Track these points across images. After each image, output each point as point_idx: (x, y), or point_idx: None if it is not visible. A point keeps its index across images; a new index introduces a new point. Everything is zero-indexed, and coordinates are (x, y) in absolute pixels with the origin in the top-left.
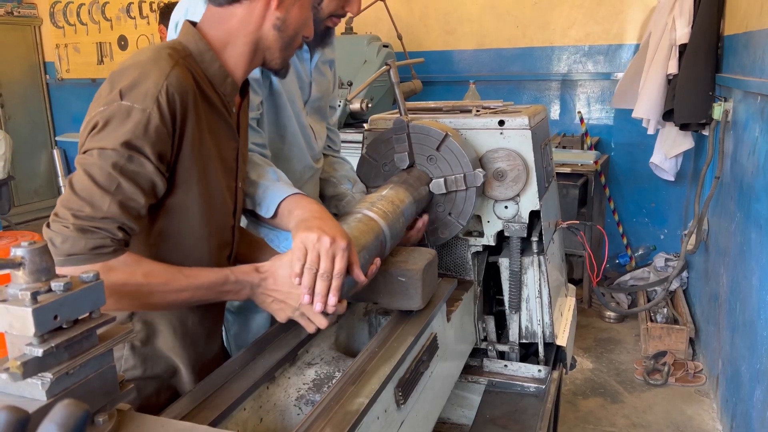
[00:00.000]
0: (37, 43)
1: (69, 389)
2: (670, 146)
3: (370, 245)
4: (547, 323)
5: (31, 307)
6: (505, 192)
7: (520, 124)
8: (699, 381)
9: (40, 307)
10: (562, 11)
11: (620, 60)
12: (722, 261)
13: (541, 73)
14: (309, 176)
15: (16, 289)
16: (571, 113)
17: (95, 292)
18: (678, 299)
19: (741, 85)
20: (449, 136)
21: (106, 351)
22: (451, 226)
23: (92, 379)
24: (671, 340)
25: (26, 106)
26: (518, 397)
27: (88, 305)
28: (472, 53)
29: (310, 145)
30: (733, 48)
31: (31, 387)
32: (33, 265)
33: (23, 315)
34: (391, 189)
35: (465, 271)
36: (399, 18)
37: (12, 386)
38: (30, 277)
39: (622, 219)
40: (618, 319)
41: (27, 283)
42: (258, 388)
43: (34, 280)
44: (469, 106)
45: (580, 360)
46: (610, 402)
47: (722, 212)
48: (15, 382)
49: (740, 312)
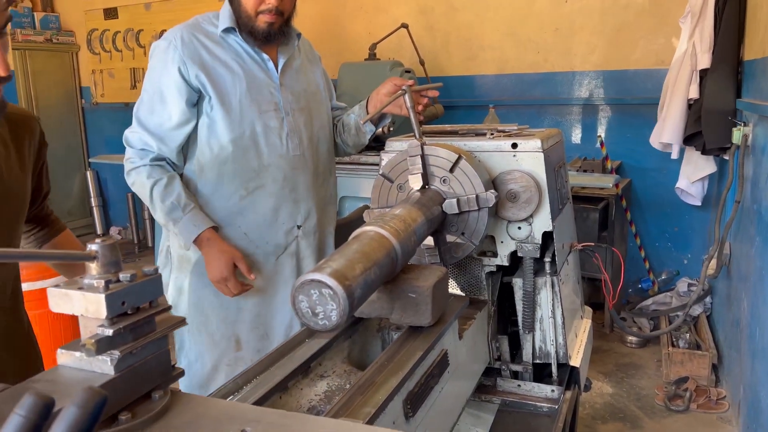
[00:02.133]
0: (74, 69)
1: (132, 367)
2: (692, 171)
3: (382, 262)
4: (560, 344)
5: (104, 294)
6: (518, 213)
7: (533, 147)
8: (722, 408)
9: (112, 294)
10: (583, 38)
11: (642, 85)
12: (743, 286)
13: (562, 97)
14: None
15: (91, 279)
16: (592, 137)
17: (155, 284)
18: (701, 325)
19: (759, 110)
20: (462, 158)
21: (162, 336)
22: (463, 246)
23: (150, 360)
24: (693, 366)
25: (62, 129)
26: (531, 416)
27: (149, 295)
28: (493, 78)
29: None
30: (753, 73)
31: (101, 363)
32: (105, 258)
33: (97, 300)
34: (405, 208)
35: (479, 291)
36: (421, 44)
37: (85, 362)
38: (102, 269)
39: (644, 243)
40: (640, 344)
41: (99, 274)
42: (271, 397)
43: (105, 272)
44: (484, 129)
45: (600, 384)
46: (629, 427)
47: (743, 237)
48: (88, 357)
49: (760, 337)
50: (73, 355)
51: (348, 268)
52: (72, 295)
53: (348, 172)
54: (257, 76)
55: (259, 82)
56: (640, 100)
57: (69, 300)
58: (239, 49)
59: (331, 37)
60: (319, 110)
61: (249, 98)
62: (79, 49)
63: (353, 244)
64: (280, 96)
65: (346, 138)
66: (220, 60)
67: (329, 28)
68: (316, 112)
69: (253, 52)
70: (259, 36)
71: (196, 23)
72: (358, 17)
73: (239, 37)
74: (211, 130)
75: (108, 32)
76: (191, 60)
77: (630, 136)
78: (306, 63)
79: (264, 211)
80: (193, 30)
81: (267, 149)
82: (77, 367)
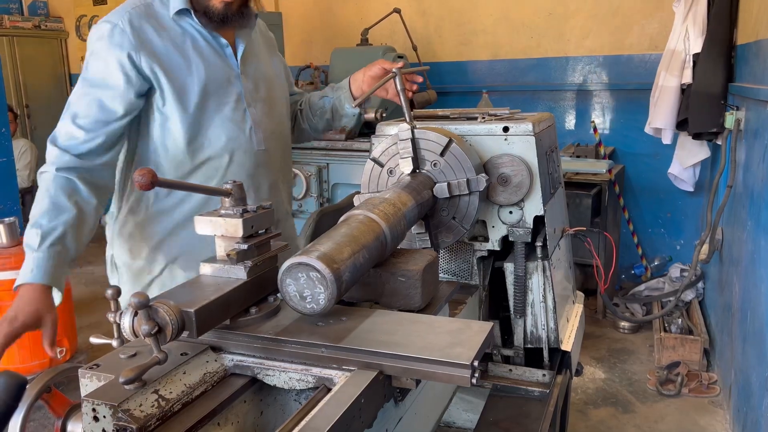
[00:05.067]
0: (63, 56)
1: (257, 275)
2: (686, 156)
3: (371, 245)
4: (552, 328)
5: (242, 218)
6: (509, 197)
7: (524, 131)
8: (713, 392)
9: (246, 219)
10: (577, 22)
11: (635, 70)
12: (735, 270)
13: (555, 83)
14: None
15: (227, 209)
16: (586, 123)
17: (270, 215)
18: (693, 310)
19: (752, 93)
20: (453, 142)
21: (274, 254)
22: (454, 230)
23: (267, 272)
24: (685, 351)
25: (52, 116)
26: (522, 401)
27: (267, 223)
28: (486, 64)
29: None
30: (745, 57)
31: (237, 270)
32: (236, 194)
33: (236, 223)
34: (395, 192)
35: (470, 275)
36: (414, 29)
37: (223, 270)
38: (233, 202)
39: (637, 229)
40: (632, 330)
41: (233, 206)
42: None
43: (236, 204)
44: (475, 113)
45: (593, 370)
46: (621, 412)
47: (735, 221)
48: (226, 266)
49: (751, 321)
50: (213, 266)
51: (336, 252)
52: (215, 221)
53: (340, 158)
54: (216, 64)
55: (218, 71)
56: (634, 85)
57: (212, 224)
58: (195, 33)
59: (322, 23)
60: (279, 100)
61: (208, 90)
62: (68, 35)
63: (341, 228)
64: (242, 86)
65: (316, 122)
66: (175, 47)
67: (321, 13)
68: (276, 101)
69: (210, 36)
70: (215, 18)
71: (145, 3)
72: (350, 2)
73: (194, 19)
74: (165, 127)
75: (97, 18)
76: (142, 46)
77: (623, 122)
78: (263, 48)
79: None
80: (143, 11)
81: (229, 145)
82: (216, 275)
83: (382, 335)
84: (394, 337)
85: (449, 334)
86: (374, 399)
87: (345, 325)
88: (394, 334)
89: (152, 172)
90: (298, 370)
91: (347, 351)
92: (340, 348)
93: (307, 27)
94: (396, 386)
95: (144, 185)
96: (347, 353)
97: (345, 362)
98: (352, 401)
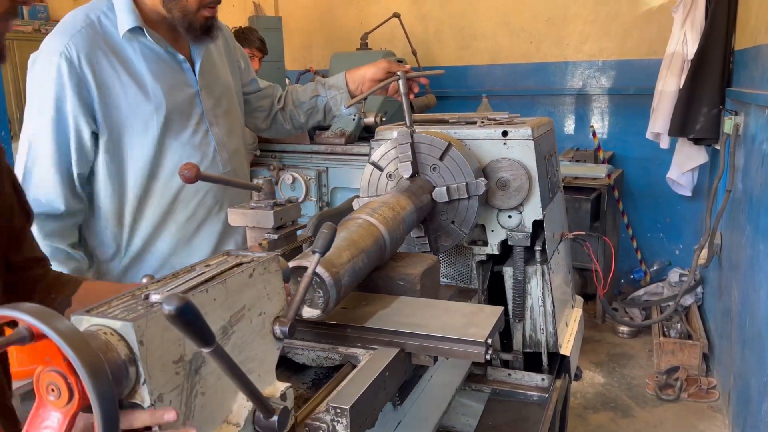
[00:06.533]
0: None
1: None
2: (684, 161)
3: (370, 249)
4: (551, 332)
5: (272, 211)
6: (508, 201)
7: (523, 135)
8: (712, 397)
9: (277, 211)
10: (576, 27)
11: (634, 75)
12: (734, 275)
13: (555, 88)
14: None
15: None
16: (585, 128)
17: (297, 209)
18: (692, 315)
19: (751, 98)
20: (452, 146)
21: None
22: (453, 234)
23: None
24: (684, 356)
25: None
26: (521, 405)
27: (294, 215)
28: (486, 68)
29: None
30: (744, 62)
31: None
32: (267, 189)
33: (267, 215)
34: (394, 196)
35: (469, 279)
36: (414, 34)
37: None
38: (264, 196)
39: (636, 234)
40: (631, 334)
41: (263, 199)
42: None
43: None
44: (475, 117)
45: (592, 374)
46: (620, 416)
47: (734, 226)
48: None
49: (750, 326)
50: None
51: (335, 256)
52: (247, 213)
53: (340, 162)
54: (174, 85)
55: (178, 92)
56: (633, 90)
57: (244, 216)
58: (148, 53)
59: (322, 27)
60: (236, 110)
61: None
62: None
63: (341, 232)
64: (202, 104)
65: (304, 121)
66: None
67: (321, 17)
68: (234, 113)
69: (165, 54)
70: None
71: (91, 23)
72: (350, 7)
73: (147, 37)
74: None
75: None
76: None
77: (623, 127)
78: (215, 51)
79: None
80: (90, 34)
81: None
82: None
83: (403, 317)
84: (414, 318)
85: (464, 316)
86: (397, 373)
87: (367, 309)
88: (413, 316)
89: (196, 166)
90: (326, 349)
91: (371, 331)
92: (365, 328)
93: (306, 31)
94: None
95: (189, 179)
96: (371, 333)
97: (369, 341)
98: (377, 374)
